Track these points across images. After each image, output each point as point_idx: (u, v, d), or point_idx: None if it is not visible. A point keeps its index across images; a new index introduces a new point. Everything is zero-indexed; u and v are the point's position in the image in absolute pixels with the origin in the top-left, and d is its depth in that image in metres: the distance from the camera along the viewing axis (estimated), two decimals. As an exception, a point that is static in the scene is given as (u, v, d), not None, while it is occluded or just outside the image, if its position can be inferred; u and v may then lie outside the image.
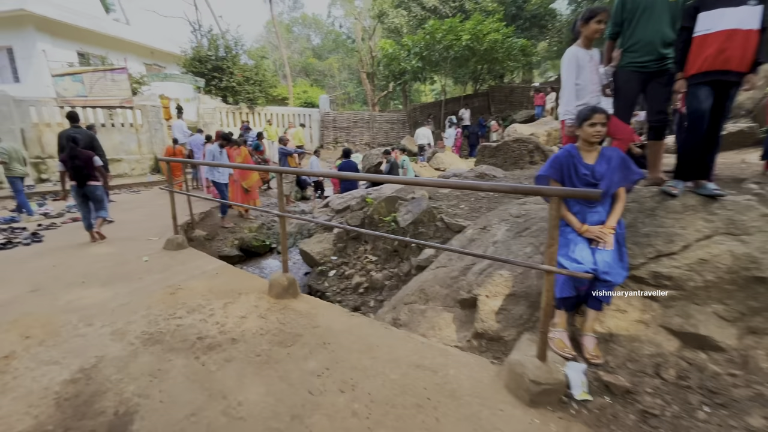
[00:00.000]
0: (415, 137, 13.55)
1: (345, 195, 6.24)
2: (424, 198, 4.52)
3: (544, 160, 7.80)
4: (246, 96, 14.01)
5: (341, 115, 17.66)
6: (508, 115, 17.97)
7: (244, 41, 14.38)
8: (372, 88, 30.55)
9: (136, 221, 6.20)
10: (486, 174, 6.47)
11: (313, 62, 33.21)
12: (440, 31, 15.17)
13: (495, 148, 7.97)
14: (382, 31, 23.89)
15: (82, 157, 4.57)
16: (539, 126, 12.80)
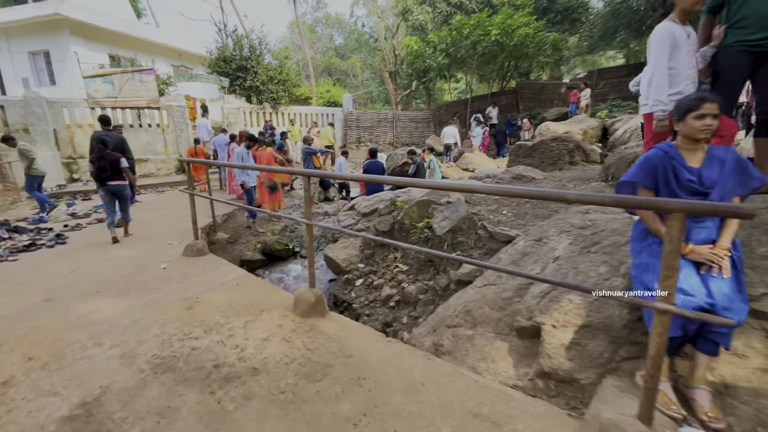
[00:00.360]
0: (441, 136, 13.07)
1: (372, 197, 5.89)
2: (461, 203, 4.10)
3: (585, 161, 7.21)
4: (270, 95, 13.92)
5: (365, 114, 17.36)
6: (538, 113, 17.17)
7: (269, 40, 14.28)
8: (394, 87, 30.15)
9: (158, 221, 6.07)
10: (524, 176, 5.98)
11: (335, 62, 33.15)
12: (467, 26, 14.61)
13: (531, 147, 7.43)
14: (406, 28, 23.46)
15: (108, 158, 4.74)
16: (574, 124, 12.05)
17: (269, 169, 5.85)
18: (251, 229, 6.64)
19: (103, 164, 4.67)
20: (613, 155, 5.36)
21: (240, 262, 5.55)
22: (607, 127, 11.89)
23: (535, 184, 5.70)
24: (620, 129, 10.48)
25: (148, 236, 5.09)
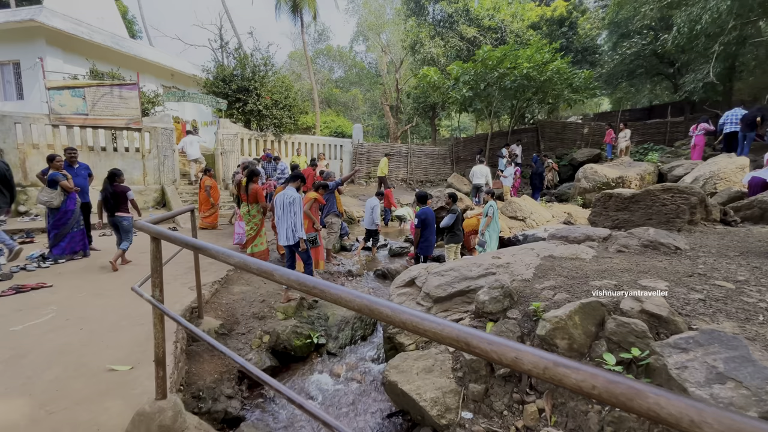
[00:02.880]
0: (471, 175, 11.39)
1: (447, 271, 3.89)
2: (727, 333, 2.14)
3: (707, 221, 5.44)
4: (273, 121, 12.14)
5: (376, 146, 15.72)
6: (564, 153, 15.90)
7: (275, 61, 12.71)
8: (395, 121, 29.18)
9: (104, 307, 3.90)
10: (661, 243, 4.11)
11: (336, 93, 32.23)
12: (493, 58, 13.45)
13: (629, 198, 5.65)
14: (414, 62, 22.60)
15: (110, 191, 5.18)
16: (624, 167, 10.57)
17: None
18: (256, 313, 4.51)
19: (106, 195, 5.15)
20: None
21: (238, 376, 3.39)
22: (663, 172, 10.45)
23: (685, 258, 3.83)
24: (690, 176, 8.97)
25: (72, 346, 2.93)
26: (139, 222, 1.84)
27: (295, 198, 4.66)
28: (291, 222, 4.60)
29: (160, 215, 2.22)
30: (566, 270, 3.53)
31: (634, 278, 3.12)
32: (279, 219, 4.74)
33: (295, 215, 4.57)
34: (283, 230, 4.69)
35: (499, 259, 4.06)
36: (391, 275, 6.42)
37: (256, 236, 5.78)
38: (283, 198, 4.70)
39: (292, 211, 4.59)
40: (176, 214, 2.83)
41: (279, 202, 4.74)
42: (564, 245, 4.42)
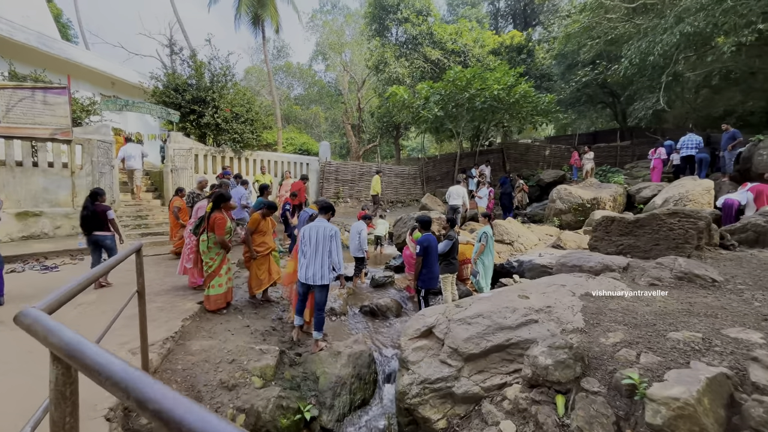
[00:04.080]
0: (447, 196, 10.98)
1: (475, 317, 3.17)
2: None
3: (709, 245, 5.27)
4: (232, 136, 10.98)
5: (345, 165, 14.93)
6: (530, 174, 16.19)
7: (236, 71, 11.65)
8: (357, 140, 28.79)
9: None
10: (698, 276, 3.73)
11: (296, 110, 31.28)
12: (462, 79, 13.47)
13: (633, 223, 5.38)
14: (378, 81, 22.46)
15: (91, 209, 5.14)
16: (597, 189, 10.73)
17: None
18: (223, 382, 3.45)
19: (86, 214, 5.11)
20: None
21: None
22: (631, 194, 10.74)
23: (729, 293, 3.46)
24: (659, 197, 9.19)
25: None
26: (26, 314, 0.90)
27: (336, 231, 4.15)
28: (328, 259, 4.09)
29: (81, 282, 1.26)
30: (619, 314, 2.97)
31: (711, 325, 2.61)
32: (308, 255, 4.11)
33: (339, 252, 4.13)
34: (314, 267, 4.07)
35: (527, 299, 3.43)
36: (382, 313, 5.59)
37: (215, 275, 4.70)
38: (321, 231, 4.10)
39: (333, 246, 4.08)
40: (111, 267, 1.84)
41: (312, 235, 4.12)
42: (592, 279, 3.91)
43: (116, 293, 4.94)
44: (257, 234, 4.97)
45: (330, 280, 4.16)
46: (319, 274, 4.07)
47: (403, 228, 8.32)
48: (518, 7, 30.27)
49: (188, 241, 5.45)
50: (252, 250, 4.91)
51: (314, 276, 4.04)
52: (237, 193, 7.77)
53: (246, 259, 5.11)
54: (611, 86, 19.69)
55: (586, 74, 17.01)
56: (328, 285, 4.13)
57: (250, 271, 5.09)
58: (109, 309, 4.23)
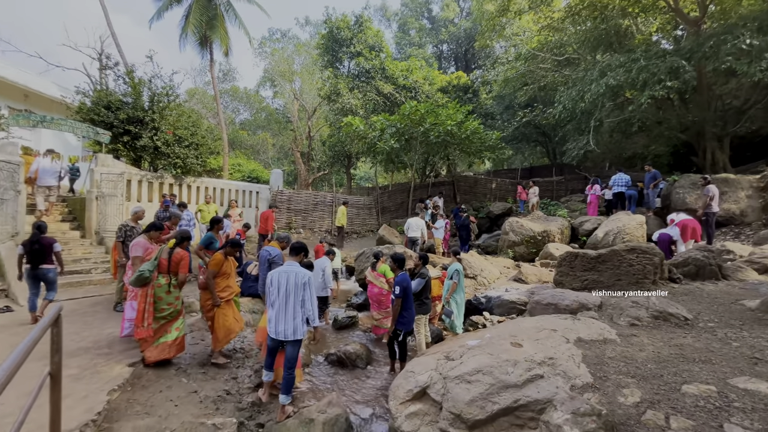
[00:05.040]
0: (406, 228, 10.84)
1: (474, 374, 2.85)
2: None
3: (662, 279, 5.61)
4: (173, 161, 9.94)
5: (299, 195, 14.26)
6: (479, 206, 16.83)
7: (180, 91, 10.76)
8: (307, 168, 28.26)
9: None
10: (671, 314, 3.84)
11: (243, 135, 30.06)
12: (417, 114, 13.88)
13: (596, 258, 5.58)
14: (331, 110, 22.48)
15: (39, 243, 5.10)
16: (545, 222, 11.34)
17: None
18: None
19: (36, 248, 5.06)
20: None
21: None
22: (575, 226, 11.51)
23: (704, 332, 3.57)
24: (600, 231, 9.90)
25: None
26: None
27: (310, 277, 3.61)
28: (301, 310, 3.54)
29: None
30: (621, 364, 2.85)
31: (715, 373, 2.57)
32: (277, 306, 3.53)
33: (313, 301, 3.60)
34: (285, 320, 3.50)
35: (521, 347, 3.22)
36: (351, 362, 5.05)
37: (175, 321, 3.98)
38: (293, 278, 3.53)
39: (306, 295, 3.56)
40: (28, 351, 1.24)
41: (281, 282, 3.54)
42: (577, 321, 3.84)
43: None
44: (220, 277, 4.27)
45: (303, 334, 3.61)
46: (291, 328, 3.51)
47: (366, 263, 7.92)
48: (460, 51, 32.84)
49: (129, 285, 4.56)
50: (215, 297, 4.19)
51: (285, 331, 3.48)
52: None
53: (207, 307, 4.32)
54: (544, 127, 21.73)
55: (525, 115, 18.54)
56: (301, 340, 3.58)
57: (215, 321, 4.28)
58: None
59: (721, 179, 10.23)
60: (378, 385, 4.44)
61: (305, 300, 3.53)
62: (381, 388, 4.35)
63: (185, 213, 7.64)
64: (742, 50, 9.52)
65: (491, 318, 6.06)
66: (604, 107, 14.06)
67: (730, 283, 5.47)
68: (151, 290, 4.06)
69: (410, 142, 14.62)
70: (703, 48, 10.41)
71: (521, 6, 15.89)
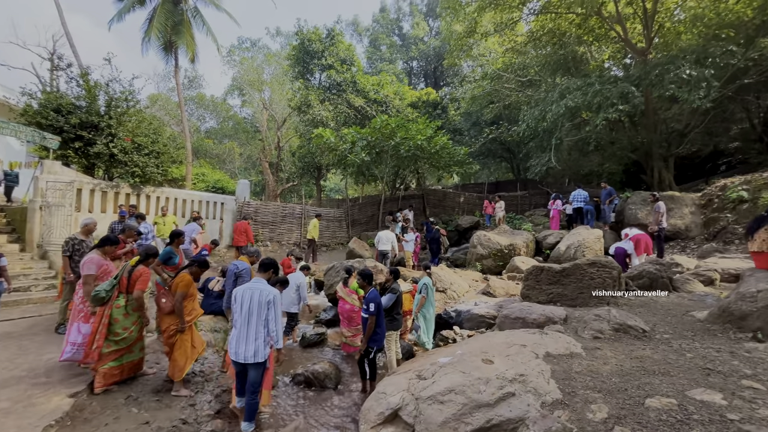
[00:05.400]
0: (377, 241, 10.79)
1: (446, 393, 2.81)
2: None
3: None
4: (131, 170, 9.38)
5: (266, 206, 13.83)
6: (448, 219, 17.13)
7: (140, 97, 10.23)
8: (275, 179, 27.72)
9: None
10: (631, 327, 4.01)
11: (208, 143, 29.07)
12: (388, 128, 14.04)
13: (560, 272, 5.77)
14: (301, 121, 22.28)
15: None
16: (511, 236, 11.68)
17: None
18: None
19: None
20: (745, 298, 4.01)
21: None
22: (539, 240, 11.94)
23: (661, 344, 3.75)
24: (563, 244, 10.33)
25: None
26: None
27: (276, 296, 3.41)
28: (263, 330, 3.35)
29: None
30: (588, 378, 2.92)
31: (674, 386, 2.69)
32: (240, 326, 3.34)
33: (277, 321, 3.41)
34: (247, 341, 3.31)
35: (493, 364, 3.23)
36: (319, 382, 4.85)
37: (131, 347, 3.69)
38: (257, 296, 3.34)
39: (271, 314, 3.36)
40: None
41: (245, 299, 3.35)
42: (545, 335, 3.91)
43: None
44: (187, 299, 3.94)
45: (264, 357, 3.41)
46: (252, 349, 3.32)
47: (336, 277, 7.76)
48: (429, 68, 33.84)
49: (79, 306, 4.15)
50: (183, 322, 3.88)
51: (245, 353, 3.29)
52: (189, 230, 7.09)
53: (170, 332, 3.93)
54: (509, 144, 22.69)
55: (491, 132, 19.27)
56: (264, 363, 3.39)
57: (174, 348, 3.92)
58: None
59: (668, 196, 11.03)
60: (348, 408, 4.29)
61: (269, 320, 3.36)
62: (351, 410, 4.21)
63: (143, 225, 7.16)
64: (683, 79, 10.43)
65: (461, 332, 6.08)
66: (563, 127, 14.88)
67: (680, 294, 5.83)
68: (108, 310, 3.74)
69: (381, 155, 14.72)
70: (649, 76, 11.31)
71: (487, 29, 16.65)
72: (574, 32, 15.09)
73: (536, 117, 14.61)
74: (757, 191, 9.58)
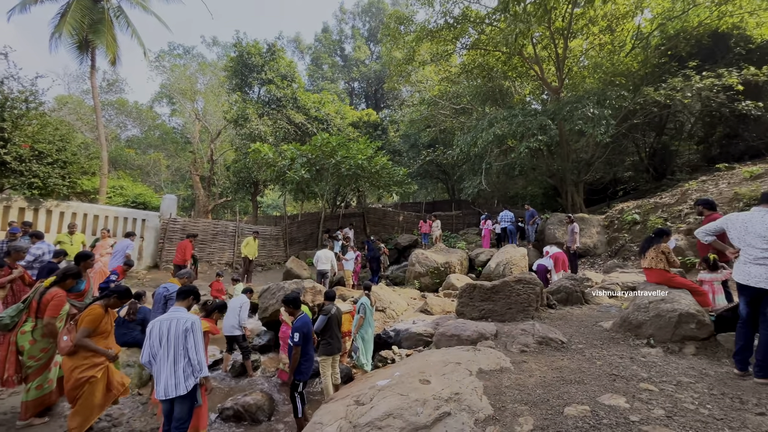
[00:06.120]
0: (315, 261, 10.56)
1: (384, 418, 2.79)
2: None
3: (542, 306, 6.42)
4: (28, 180, 8.13)
5: (195, 224, 12.76)
6: (388, 238, 17.39)
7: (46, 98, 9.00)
8: (207, 194, 26.00)
9: None
10: (551, 339, 4.38)
11: (129, 153, 26.41)
12: (329, 146, 14.06)
13: (491, 289, 6.13)
14: (237, 135, 21.35)
15: None
16: (446, 254, 12.22)
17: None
18: None
19: None
20: (640, 309, 4.60)
21: None
22: (472, 257, 12.62)
23: (576, 353, 4.15)
24: (493, 262, 11.05)
25: None
26: None
27: (194, 322, 3.12)
28: (187, 360, 3.07)
29: None
30: (516, 392, 3.11)
31: (587, 392, 2.97)
32: (159, 359, 3.04)
33: (198, 350, 3.15)
34: (166, 374, 3.01)
35: (429, 383, 3.29)
36: (251, 415, 4.51)
37: (45, 368, 3.14)
38: (174, 325, 3.06)
39: (189, 342, 3.09)
40: None
41: (162, 332, 3.06)
42: (478, 352, 4.10)
43: None
44: (98, 337, 3.38)
45: (187, 390, 3.09)
46: (173, 382, 3.02)
47: (272, 300, 7.38)
48: (370, 90, 34.82)
49: None
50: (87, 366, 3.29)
51: (167, 387, 2.98)
52: (122, 247, 6.44)
53: (75, 382, 3.26)
54: (444, 166, 24.01)
55: (429, 154, 20.25)
56: (191, 395, 3.08)
57: (82, 399, 3.28)
58: None
59: (579, 218, 12.45)
60: (282, 441, 4.03)
61: (188, 349, 3.09)
62: (285, 443, 3.96)
63: (38, 246, 6.17)
64: (588, 116, 12.04)
65: (400, 352, 6.13)
66: (492, 152, 16.16)
67: (591, 306, 6.53)
68: (13, 337, 3.22)
69: (321, 172, 14.63)
70: (562, 111, 12.87)
71: (424, 58, 17.71)
72: (500, 68, 16.67)
73: (468, 142, 15.66)
74: (646, 214, 11.24)
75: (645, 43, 14.10)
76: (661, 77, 13.44)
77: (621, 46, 14.62)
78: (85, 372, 3.26)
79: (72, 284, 3.62)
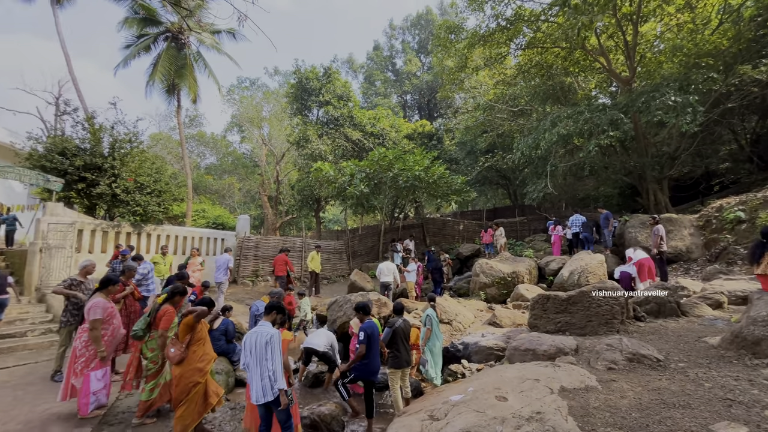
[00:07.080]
0: (378, 273, 10.70)
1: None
2: None
3: (629, 319, 5.79)
4: (133, 209, 9.44)
5: (266, 240, 13.82)
6: (449, 248, 17.09)
7: (143, 137, 10.49)
8: (274, 213, 27.92)
9: None
10: (645, 356, 3.92)
11: (208, 179, 29.43)
12: (386, 160, 14.33)
13: (567, 300, 5.71)
14: (300, 155, 22.72)
15: None
16: (513, 263, 11.62)
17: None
18: None
19: None
20: (758, 323, 3.95)
21: None
22: (541, 266, 11.87)
23: (677, 373, 3.66)
24: (565, 270, 10.26)
25: None
26: None
27: (272, 336, 3.41)
28: (269, 370, 3.35)
29: None
30: (606, 414, 2.82)
31: (695, 419, 2.60)
32: (250, 367, 3.43)
33: (274, 360, 3.37)
34: (257, 382, 3.35)
35: (506, 401, 3.13)
36: (326, 425, 4.64)
37: (159, 372, 4.02)
38: (256, 337, 3.41)
39: (269, 354, 3.37)
40: None
41: (252, 344, 3.42)
42: (558, 368, 3.82)
43: None
44: (196, 344, 3.76)
45: (274, 395, 3.32)
46: (261, 389, 3.31)
47: (339, 312, 7.63)
48: (423, 101, 34.97)
49: (82, 351, 4.08)
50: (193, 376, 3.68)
51: (257, 393, 3.31)
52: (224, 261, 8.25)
53: (184, 387, 3.65)
54: (505, 171, 23.08)
55: (487, 160, 19.66)
56: (284, 395, 3.33)
57: (186, 404, 3.64)
58: None
59: (666, 218, 11.11)
60: (357, 452, 4.09)
61: (268, 359, 3.34)
62: (360, 455, 4.02)
63: (143, 265, 7.11)
64: (669, 105, 10.81)
65: (470, 366, 5.92)
66: (557, 153, 15.21)
67: (689, 319, 5.75)
68: (140, 344, 4.11)
69: (379, 186, 14.93)
70: (636, 103, 11.72)
71: (477, 63, 17.39)
72: (560, 64, 15.75)
73: (530, 145, 14.94)
74: (753, 211, 9.68)
75: (736, 17, 12.37)
76: (760, 52, 11.67)
77: (705, 24, 12.99)
78: (191, 377, 3.66)
79: (180, 301, 4.11)
